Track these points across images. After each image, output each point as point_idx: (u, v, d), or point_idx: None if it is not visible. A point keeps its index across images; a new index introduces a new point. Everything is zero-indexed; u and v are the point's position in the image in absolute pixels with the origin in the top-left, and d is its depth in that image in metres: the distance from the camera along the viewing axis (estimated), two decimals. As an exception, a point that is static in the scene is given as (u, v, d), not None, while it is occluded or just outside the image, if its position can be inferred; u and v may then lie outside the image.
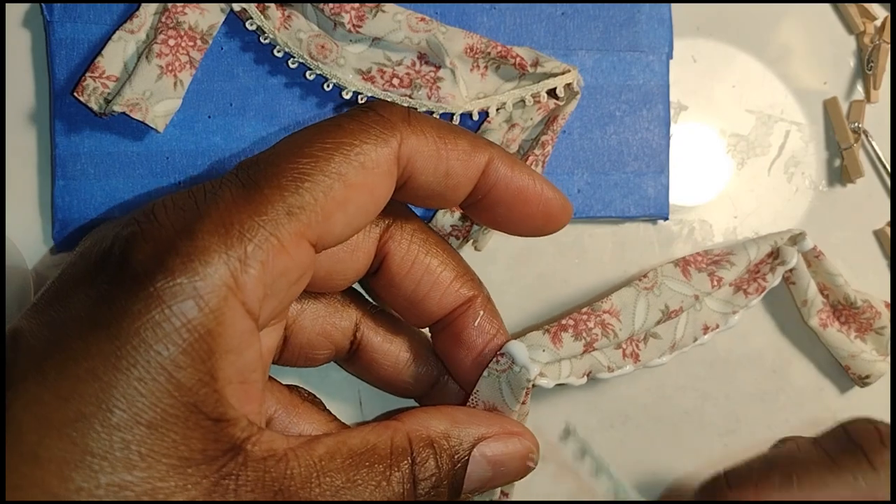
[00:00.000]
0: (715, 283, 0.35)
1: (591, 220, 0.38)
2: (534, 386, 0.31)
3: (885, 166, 0.40)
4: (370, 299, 0.34)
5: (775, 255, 0.37)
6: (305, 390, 0.33)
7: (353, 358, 0.33)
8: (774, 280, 0.36)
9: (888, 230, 0.40)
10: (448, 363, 0.32)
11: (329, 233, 0.25)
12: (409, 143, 0.27)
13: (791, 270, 0.38)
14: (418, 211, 0.35)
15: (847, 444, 0.29)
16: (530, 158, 0.35)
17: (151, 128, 0.34)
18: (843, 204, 0.40)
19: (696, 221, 0.40)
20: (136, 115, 0.33)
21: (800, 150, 0.40)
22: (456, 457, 0.27)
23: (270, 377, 0.31)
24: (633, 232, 0.39)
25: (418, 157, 0.27)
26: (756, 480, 0.29)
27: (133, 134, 0.35)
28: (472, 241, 0.36)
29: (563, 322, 0.33)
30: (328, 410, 0.33)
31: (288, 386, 0.32)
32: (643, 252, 0.39)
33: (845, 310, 0.38)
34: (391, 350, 0.33)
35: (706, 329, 0.35)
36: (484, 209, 0.29)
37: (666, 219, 0.38)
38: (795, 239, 0.37)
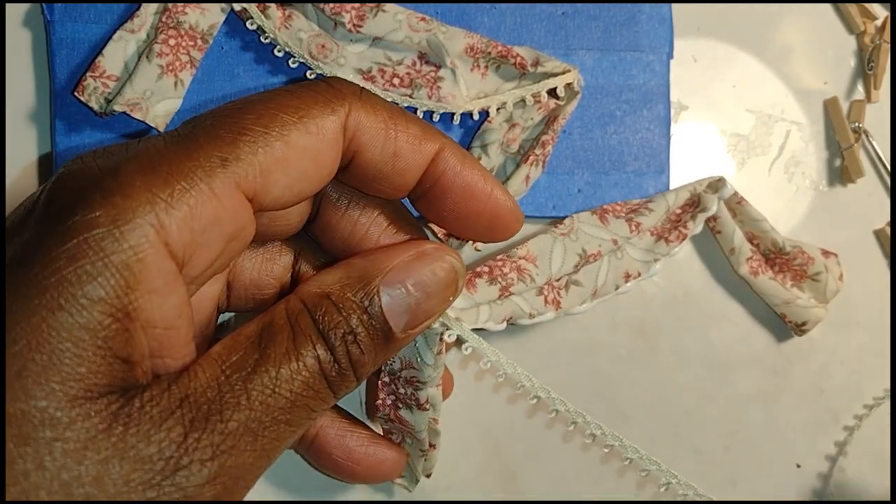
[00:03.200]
0: (633, 228, 0.35)
1: (592, 219, 0.38)
2: (458, 339, 0.30)
3: (885, 166, 0.40)
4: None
5: (696, 203, 0.36)
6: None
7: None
8: (696, 227, 0.36)
9: (888, 230, 0.40)
10: None
11: (267, 192, 0.25)
12: (358, 115, 0.26)
13: (715, 219, 0.37)
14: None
15: None
16: (531, 158, 0.35)
17: (152, 127, 0.34)
18: (844, 204, 0.40)
19: (696, 221, 0.40)
20: (137, 115, 0.33)
21: (800, 150, 0.40)
22: (360, 296, 0.26)
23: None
24: (633, 232, 0.39)
25: (366, 132, 0.27)
26: None
27: (133, 134, 0.35)
28: (472, 241, 0.36)
29: (478, 269, 0.32)
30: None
31: None
32: (643, 252, 0.39)
33: (777, 257, 0.38)
34: None
35: (628, 277, 0.35)
36: (432, 202, 0.29)
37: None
38: (716, 186, 0.37)
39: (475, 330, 0.31)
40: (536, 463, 0.38)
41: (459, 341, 0.30)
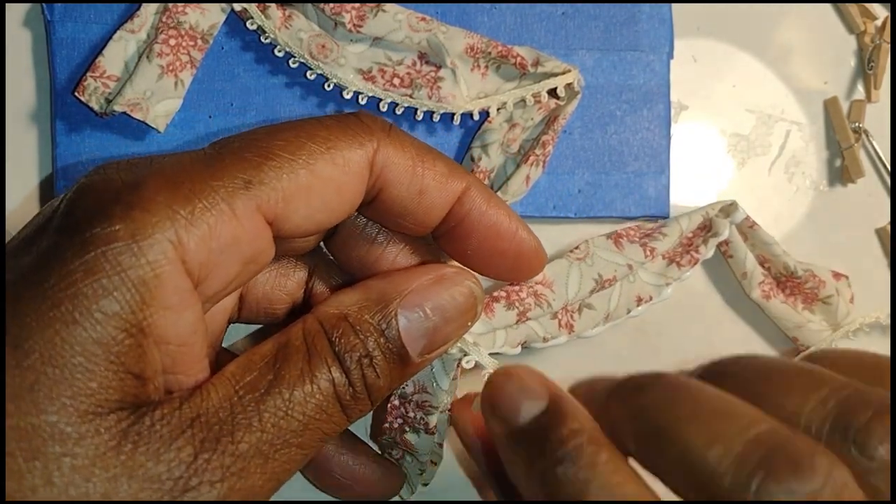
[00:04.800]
0: (648, 253, 0.35)
1: (592, 220, 0.38)
2: (476, 365, 0.30)
3: (885, 166, 0.40)
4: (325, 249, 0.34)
5: (708, 227, 0.36)
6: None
7: (304, 310, 0.32)
8: (707, 252, 0.36)
9: (889, 229, 0.40)
10: None
11: (287, 218, 0.25)
12: (386, 151, 0.27)
13: (727, 244, 0.37)
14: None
15: None
16: (531, 158, 0.35)
17: (152, 128, 0.34)
18: (844, 204, 0.40)
19: (696, 221, 0.39)
20: (137, 115, 0.33)
21: (800, 150, 0.40)
22: (377, 318, 0.26)
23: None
24: (633, 232, 0.39)
25: (393, 168, 0.27)
26: None
27: (134, 134, 0.35)
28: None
29: (496, 294, 0.32)
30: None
31: None
32: (644, 252, 0.39)
33: (789, 281, 0.38)
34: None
35: (640, 300, 0.35)
36: (456, 239, 0.29)
37: (666, 219, 0.38)
38: (728, 210, 0.37)
39: (491, 354, 0.31)
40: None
41: (478, 367, 0.30)
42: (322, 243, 0.31)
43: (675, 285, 0.35)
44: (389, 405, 0.31)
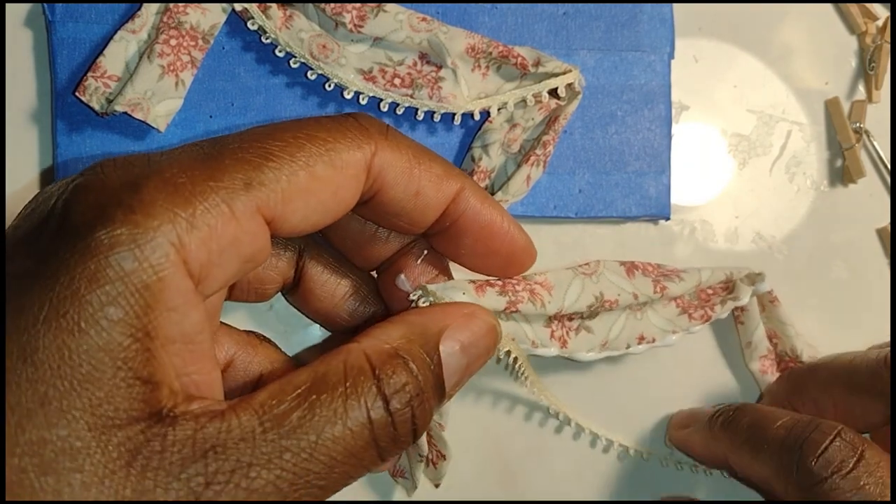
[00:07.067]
0: (658, 289, 0.34)
1: (593, 220, 0.38)
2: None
3: (886, 166, 0.40)
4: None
5: (730, 288, 0.36)
6: (261, 334, 0.32)
7: (294, 288, 0.33)
8: (722, 312, 0.35)
9: (889, 229, 0.40)
10: (389, 304, 0.32)
11: (285, 219, 0.25)
12: (384, 154, 0.27)
13: (742, 310, 0.37)
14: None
15: None
16: (532, 158, 0.35)
17: (153, 127, 0.34)
18: (845, 204, 0.40)
19: (697, 221, 0.40)
20: (138, 115, 0.33)
21: (801, 150, 0.40)
22: (428, 358, 0.26)
23: (224, 323, 0.31)
24: (634, 232, 0.39)
25: (390, 170, 0.27)
26: None
27: (135, 134, 0.35)
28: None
29: (491, 280, 0.32)
30: (285, 353, 0.33)
31: (244, 331, 0.32)
32: (644, 252, 0.39)
33: (791, 362, 0.38)
34: (329, 281, 0.32)
35: (641, 339, 0.34)
36: (450, 238, 0.29)
37: (667, 219, 0.38)
38: (753, 279, 0.36)
39: (531, 356, 0.31)
40: (536, 462, 0.38)
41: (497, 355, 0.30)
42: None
43: (680, 335, 0.35)
44: None
